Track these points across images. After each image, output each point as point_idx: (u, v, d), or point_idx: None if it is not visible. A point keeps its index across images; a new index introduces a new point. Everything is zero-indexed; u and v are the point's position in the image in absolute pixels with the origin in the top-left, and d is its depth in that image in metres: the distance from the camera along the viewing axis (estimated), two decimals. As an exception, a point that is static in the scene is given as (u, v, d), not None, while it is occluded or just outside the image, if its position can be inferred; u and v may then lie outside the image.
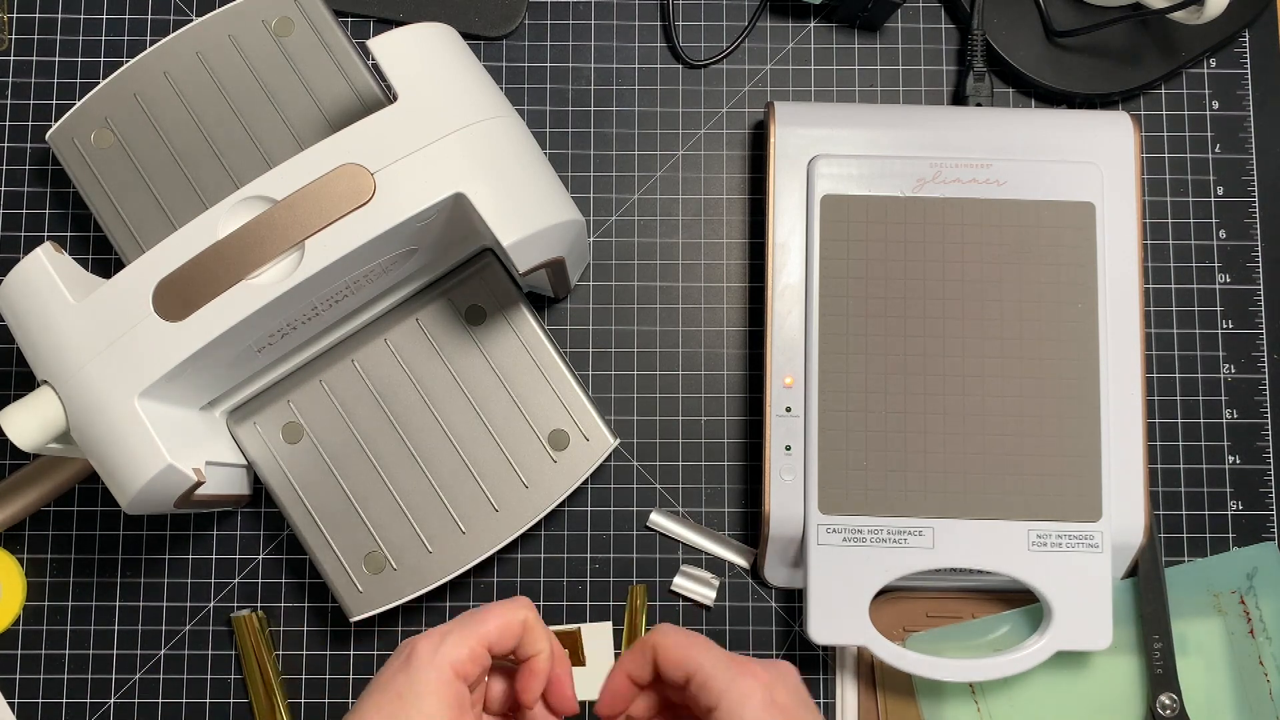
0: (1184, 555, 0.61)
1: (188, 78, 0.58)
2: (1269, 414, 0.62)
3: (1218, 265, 0.63)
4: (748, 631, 0.60)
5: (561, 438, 0.57)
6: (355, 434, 0.57)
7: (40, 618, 0.60)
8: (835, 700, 0.60)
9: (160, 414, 0.50)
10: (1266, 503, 0.62)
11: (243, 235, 0.48)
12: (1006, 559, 0.56)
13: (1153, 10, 0.61)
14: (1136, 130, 0.60)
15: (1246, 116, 0.64)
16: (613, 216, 0.63)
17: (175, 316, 0.48)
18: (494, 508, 0.57)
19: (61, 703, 0.60)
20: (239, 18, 0.59)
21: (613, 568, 0.61)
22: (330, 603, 0.60)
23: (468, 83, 0.52)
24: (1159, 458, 0.62)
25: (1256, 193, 0.64)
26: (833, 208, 0.58)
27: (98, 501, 0.61)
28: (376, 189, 0.49)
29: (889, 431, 0.57)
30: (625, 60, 0.65)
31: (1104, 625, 0.56)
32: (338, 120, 0.58)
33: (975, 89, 0.63)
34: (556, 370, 0.58)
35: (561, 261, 0.54)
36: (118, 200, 0.58)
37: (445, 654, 0.42)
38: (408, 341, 0.58)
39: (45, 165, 0.63)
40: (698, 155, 0.64)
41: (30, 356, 0.50)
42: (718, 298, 0.63)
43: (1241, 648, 0.59)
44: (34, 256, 0.50)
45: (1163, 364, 0.62)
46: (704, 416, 0.62)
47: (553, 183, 0.54)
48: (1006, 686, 0.59)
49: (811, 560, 0.56)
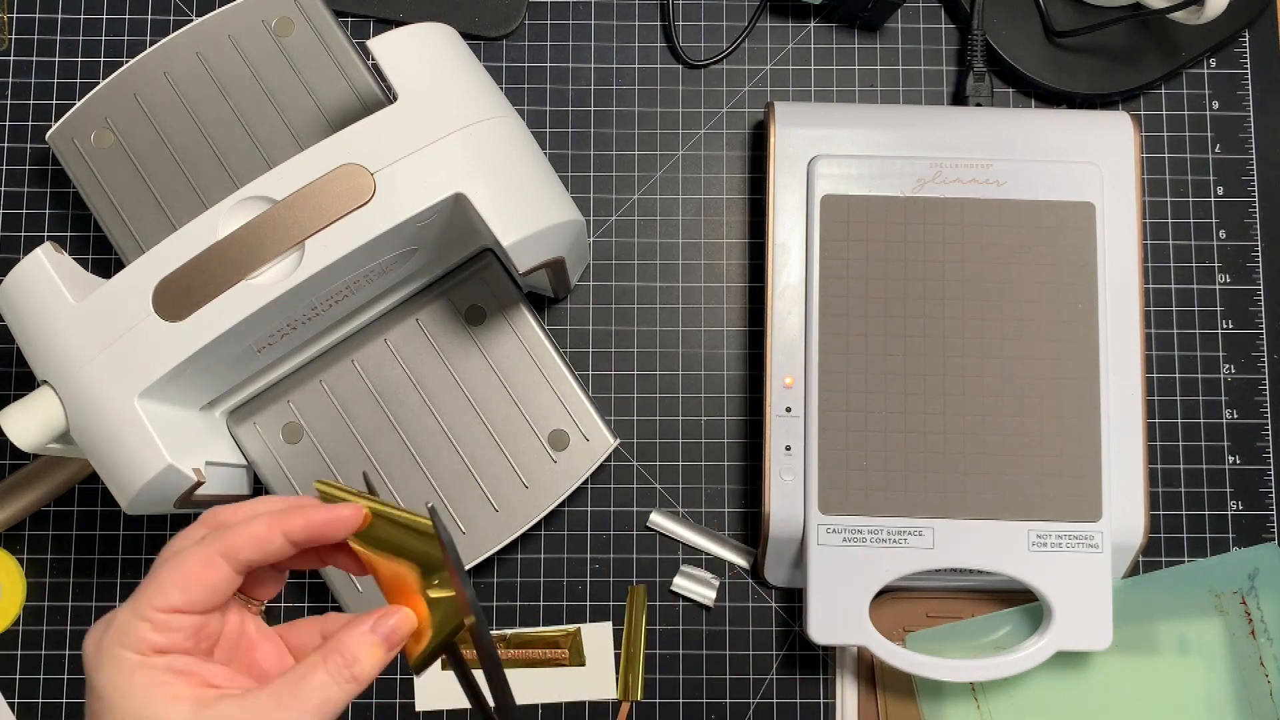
0: (1184, 555, 0.61)
1: (188, 78, 0.58)
2: (1269, 414, 0.62)
3: (1218, 265, 0.63)
4: (748, 632, 0.60)
5: (561, 438, 0.57)
6: (355, 434, 0.57)
7: (40, 618, 0.60)
8: (835, 700, 0.60)
9: (160, 414, 0.50)
10: (1266, 503, 0.62)
11: (243, 235, 0.48)
12: (1006, 559, 0.56)
13: (1153, 10, 0.61)
14: (1136, 130, 0.60)
15: (1246, 116, 0.64)
16: (613, 216, 0.63)
17: (175, 316, 0.48)
18: (494, 508, 0.57)
19: (61, 703, 0.60)
20: (239, 18, 0.59)
21: (613, 568, 0.61)
22: (330, 603, 0.60)
23: (468, 83, 0.52)
24: (1159, 458, 0.62)
25: (1256, 193, 0.64)
26: (833, 208, 0.58)
27: (98, 501, 0.61)
28: (376, 189, 0.49)
29: (889, 431, 0.57)
30: (625, 60, 0.65)
31: (1104, 625, 0.56)
32: (338, 120, 0.58)
33: (975, 89, 0.63)
34: (556, 370, 0.58)
35: (561, 261, 0.54)
36: (118, 200, 0.58)
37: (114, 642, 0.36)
38: (408, 341, 0.58)
39: (45, 165, 0.63)
40: (698, 155, 0.64)
41: (30, 356, 0.50)
42: (718, 298, 0.63)
43: (1242, 648, 0.59)
44: (34, 256, 0.50)
45: (1163, 364, 0.62)
46: (704, 416, 0.62)
47: (553, 183, 0.54)
48: (1007, 686, 0.59)
49: (811, 560, 0.56)
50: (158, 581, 0.37)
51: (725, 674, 0.60)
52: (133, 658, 0.36)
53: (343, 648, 0.38)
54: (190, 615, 0.37)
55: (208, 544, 0.38)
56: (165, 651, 0.37)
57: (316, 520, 0.38)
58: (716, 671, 0.60)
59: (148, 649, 0.37)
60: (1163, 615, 0.59)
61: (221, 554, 0.37)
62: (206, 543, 0.38)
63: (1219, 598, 0.60)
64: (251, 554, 0.38)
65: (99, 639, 0.37)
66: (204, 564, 0.37)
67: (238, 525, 0.38)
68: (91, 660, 0.37)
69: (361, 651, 0.38)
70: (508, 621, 0.61)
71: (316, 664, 0.37)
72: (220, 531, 0.38)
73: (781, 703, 0.60)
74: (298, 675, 0.37)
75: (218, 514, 0.40)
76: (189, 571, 0.37)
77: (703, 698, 0.60)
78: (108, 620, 0.38)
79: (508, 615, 0.61)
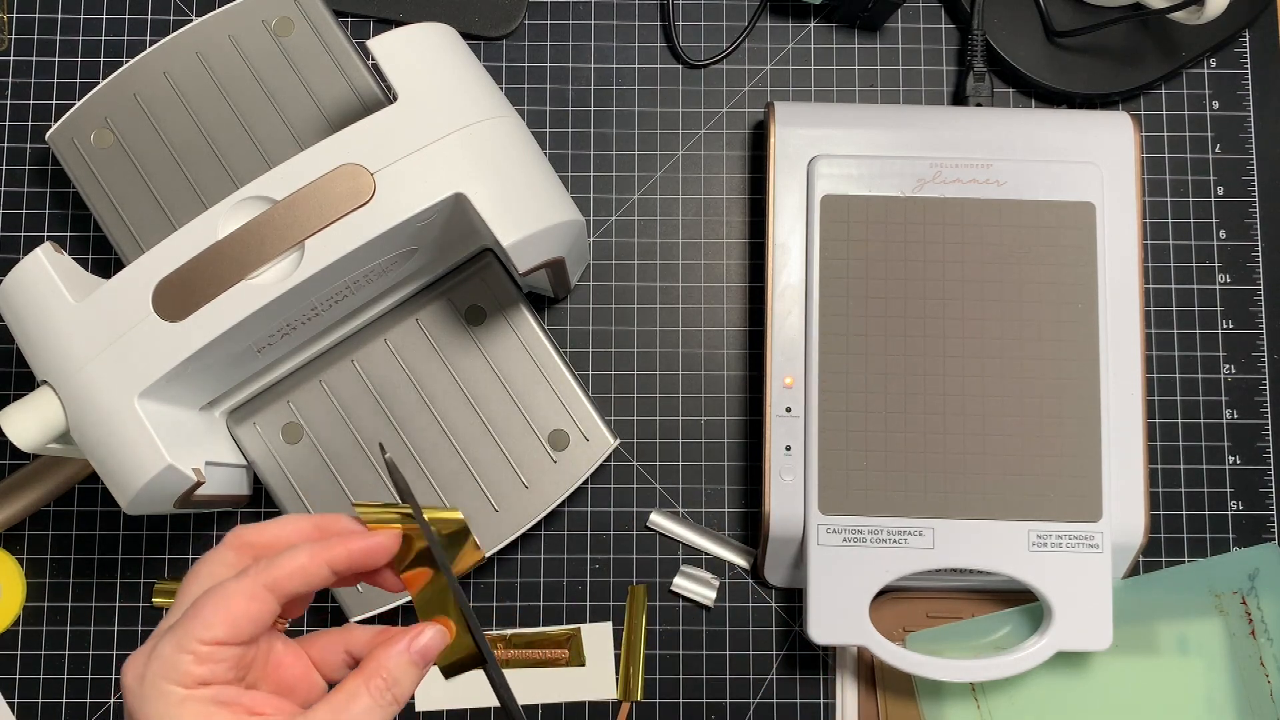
0: (1184, 555, 0.61)
1: (188, 78, 0.58)
2: (1269, 414, 0.62)
3: (1218, 265, 0.63)
4: (748, 632, 0.60)
5: (561, 438, 0.57)
6: (355, 434, 0.57)
7: (40, 618, 0.60)
8: (835, 700, 0.60)
9: (160, 414, 0.50)
10: (1267, 503, 0.62)
11: (243, 235, 0.48)
12: (1006, 559, 0.56)
13: (1153, 10, 0.61)
14: (1136, 130, 0.60)
15: (1246, 116, 0.64)
16: (613, 216, 0.63)
17: (175, 316, 0.48)
18: (494, 508, 0.57)
19: (61, 703, 0.60)
20: (239, 18, 0.59)
21: (613, 568, 0.61)
22: (330, 603, 0.60)
23: (468, 83, 0.52)
24: (1159, 458, 0.62)
25: (1256, 193, 0.64)
26: (833, 208, 0.58)
27: (98, 501, 0.61)
28: (376, 189, 0.49)
29: (889, 431, 0.57)
30: (625, 60, 0.65)
31: (1104, 625, 0.56)
32: (338, 120, 0.58)
33: (975, 89, 0.63)
34: (556, 370, 0.58)
35: (561, 261, 0.54)
36: (118, 200, 0.58)
37: (158, 675, 0.36)
38: (408, 341, 0.58)
39: (45, 165, 0.63)
40: (698, 155, 0.64)
41: (30, 356, 0.50)
42: (718, 298, 0.63)
43: (1242, 648, 0.59)
44: (34, 256, 0.50)
45: (1163, 364, 0.62)
46: (704, 416, 0.62)
47: (553, 183, 0.54)
48: (1007, 686, 0.59)
49: (811, 560, 0.56)
50: (201, 615, 0.37)
51: (725, 674, 0.60)
52: (178, 691, 0.36)
53: (383, 670, 0.38)
54: (233, 647, 0.37)
55: (252, 577, 0.37)
56: (209, 683, 0.37)
57: (358, 550, 0.38)
58: (716, 671, 0.60)
59: (192, 682, 0.36)
60: (1163, 615, 0.59)
61: (267, 587, 0.37)
62: (251, 576, 0.38)
63: (1219, 598, 0.60)
64: (297, 586, 0.38)
65: (141, 672, 0.37)
66: (249, 597, 0.37)
67: (282, 558, 0.38)
68: (134, 693, 0.37)
69: (401, 672, 0.38)
70: (508, 621, 0.61)
71: (359, 689, 0.37)
72: (264, 564, 0.38)
73: (781, 703, 0.60)
74: (342, 702, 0.37)
75: (244, 534, 0.40)
76: (234, 605, 0.37)
77: (703, 698, 0.60)
78: (148, 652, 0.37)
79: (508, 615, 0.61)
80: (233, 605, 0.37)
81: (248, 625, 0.37)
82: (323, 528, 0.40)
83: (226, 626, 0.37)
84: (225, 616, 0.37)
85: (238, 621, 0.37)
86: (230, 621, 0.37)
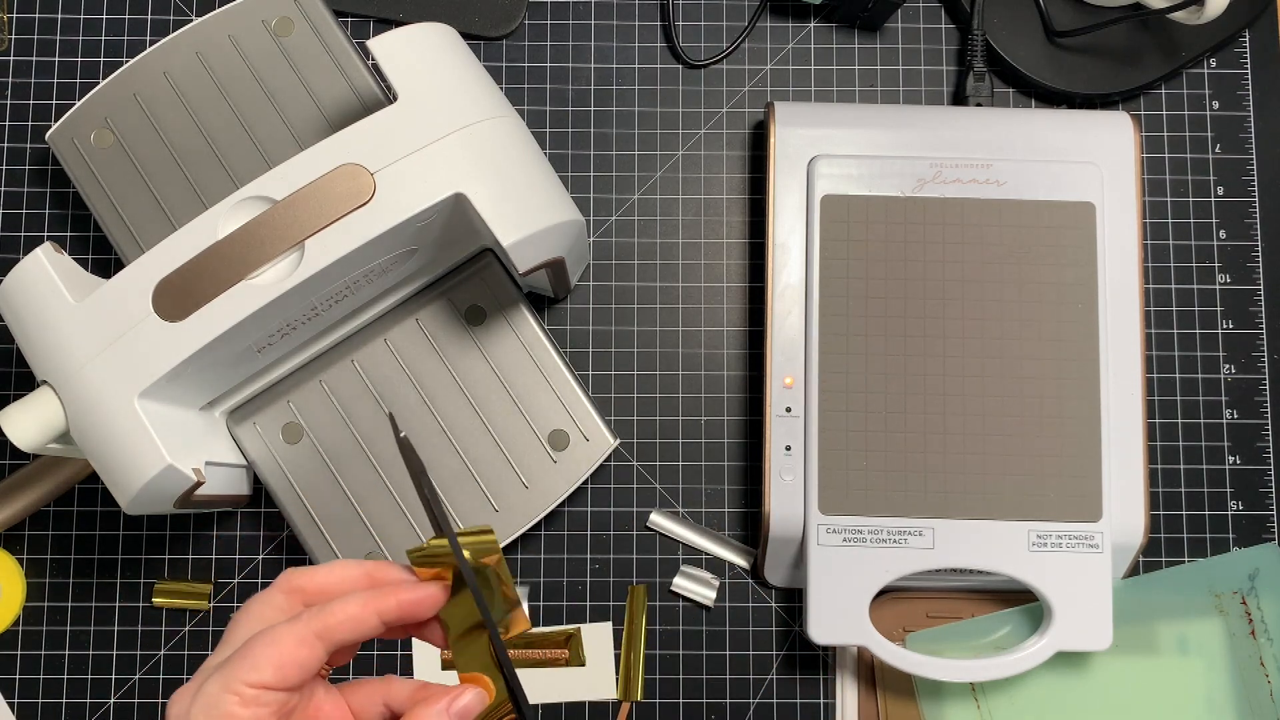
0: (1184, 555, 0.61)
1: (188, 78, 0.58)
2: (1269, 414, 0.62)
3: (1218, 265, 0.63)
4: (748, 632, 0.60)
5: (561, 438, 0.57)
6: (355, 434, 0.57)
7: (40, 618, 0.60)
8: (835, 700, 0.60)
9: (160, 414, 0.50)
10: (1267, 503, 0.62)
11: (243, 235, 0.48)
12: (1006, 559, 0.56)
13: (1153, 10, 0.61)
14: (1136, 130, 0.60)
15: (1246, 116, 0.64)
16: (613, 216, 0.63)
17: (175, 316, 0.48)
18: (494, 508, 0.57)
19: (61, 703, 0.60)
20: (239, 18, 0.59)
21: (613, 568, 0.61)
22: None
23: (468, 83, 0.52)
24: (1159, 458, 0.62)
25: (1256, 193, 0.64)
26: (833, 208, 0.58)
27: (98, 501, 0.61)
28: (376, 189, 0.49)
29: (889, 431, 0.57)
30: (625, 60, 0.65)
31: (1104, 625, 0.56)
32: (338, 120, 0.58)
33: (975, 89, 0.63)
34: (556, 370, 0.58)
35: (561, 261, 0.54)
36: (118, 200, 0.58)
37: (201, 713, 0.37)
38: (408, 341, 0.58)
39: (45, 165, 0.63)
40: (698, 155, 0.64)
41: (30, 356, 0.50)
42: (718, 298, 0.63)
43: (1242, 648, 0.59)
44: (34, 256, 0.50)
45: (1163, 364, 0.62)
46: (704, 416, 0.62)
47: (553, 183, 0.54)
48: (1007, 686, 0.59)
49: (811, 560, 0.56)
50: (250, 657, 0.37)
51: (725, 674, 0.60)
52: None
53: None
54: (279, 692, 0.37)
55: (304, 623, 0.38)
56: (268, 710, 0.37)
57: (407, 601, 0.39)
58: (716, 671, 0.60)
59: None
60: (1163, 615, 0.59)
61: (318, 634, 0.38)
62: (303, 622, 0.38)
63: (1219, 598, 0.60)
64: (347, 635, 0.38)
65: (186, 708, 0.37)
66: (299, 643, 0.37)
67: (334, 606, 0.38)
68: None
69: None
70: (508, 621, 0.61)
71: None
72: (316, 610, 0.38)
73: (781, 703, 0.60)
74: None
75: (294, 578, 0.40)
76: (285, 650, 0.37)
77: (703, 698, 0.60)
78: (194, 689, 0.38)
79: (508, 615, 0.61)
80: (283, 650, 0.37)
81: (296, 671, 0.37)
82: (374, 575, 0.40)
83: (274, 670, 0.37)
84: (274, 660, 0.37)
85: (286, 667, 0.37)
86: (278, 666, 0.37)
